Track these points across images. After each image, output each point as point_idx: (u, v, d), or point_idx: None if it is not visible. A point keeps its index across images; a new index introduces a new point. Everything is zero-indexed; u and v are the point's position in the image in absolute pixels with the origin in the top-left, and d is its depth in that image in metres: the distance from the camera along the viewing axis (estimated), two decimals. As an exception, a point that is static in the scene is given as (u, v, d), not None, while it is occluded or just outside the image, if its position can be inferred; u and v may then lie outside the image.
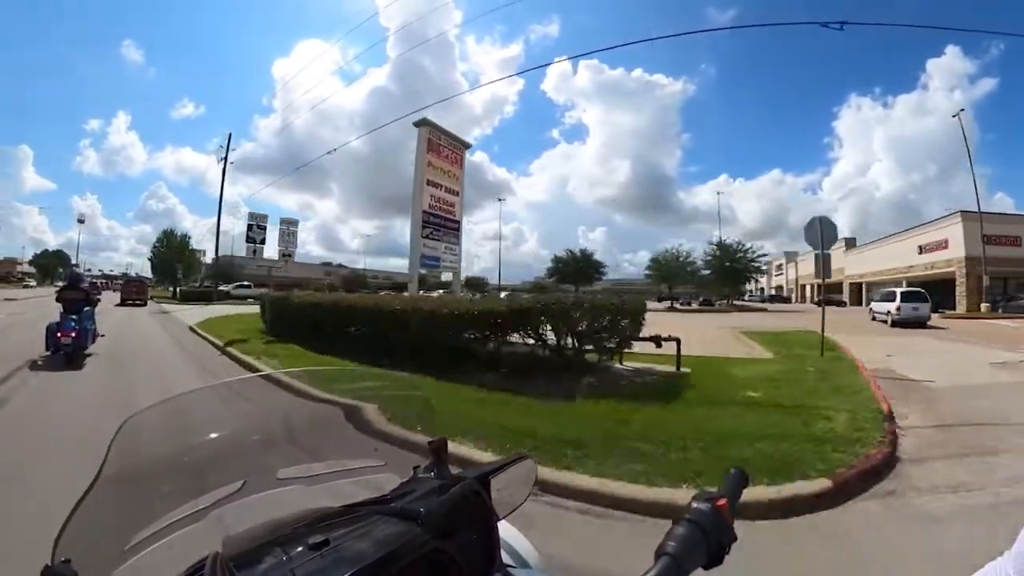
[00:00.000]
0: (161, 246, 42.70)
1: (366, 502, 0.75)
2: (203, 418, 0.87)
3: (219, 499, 0.75)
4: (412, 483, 0.82)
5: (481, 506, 0.72)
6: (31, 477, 2.90)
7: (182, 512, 0.71)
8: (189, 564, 0.59)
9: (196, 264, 44.73)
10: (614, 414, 4.42)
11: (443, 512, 0.66)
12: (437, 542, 0.62)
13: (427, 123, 18.01)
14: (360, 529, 0.64)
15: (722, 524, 0.58)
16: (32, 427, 4.19)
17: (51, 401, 5.10)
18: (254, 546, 0.62)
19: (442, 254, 18.70)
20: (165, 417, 0.80)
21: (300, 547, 0.58)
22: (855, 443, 3.60)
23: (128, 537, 0.65)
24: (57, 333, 6.87)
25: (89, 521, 0.57)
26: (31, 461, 3.22)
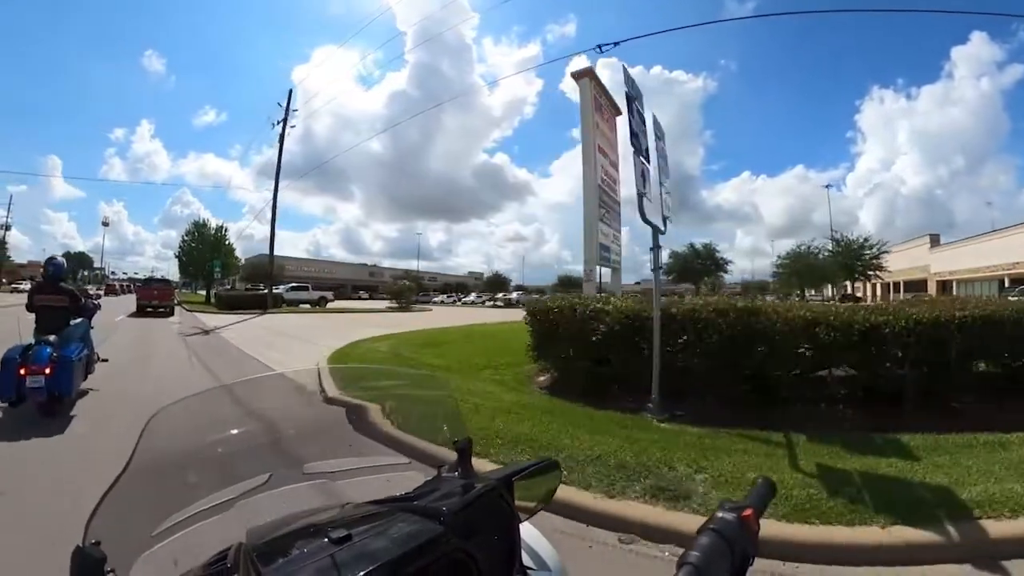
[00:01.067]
0: (191, 240, 34.04)
1: (390, 499, 0.77)
2: (231, 413, 0.91)
3: (245, 491, 0.78)
4: (436, 482, 0.83)
5: (504, 508, 0.72)
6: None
7: (209, 502, 0.74)
8: (214, 552, 0.61)
9: (234, 262, 36.49)
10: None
11: (465, 512, 0.67)
12: (458, 541, 0.63)
13: (590, 74, 13.64)
14: (382, 525, 0.65)
15: (747, 535, 0.57)
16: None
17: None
18: (277, 538, 0.65)
19: (611, 243, 14.73)
20: (194, 411, 0.84)
21: (322, 540, 0.59)
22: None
23: (156, 524, 0.68)
24: (19, 369, 3.85)
25: (118, 507, 0.60)
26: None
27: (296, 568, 0.56)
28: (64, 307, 4.57)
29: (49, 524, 2.03)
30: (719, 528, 0.56)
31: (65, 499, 2.23)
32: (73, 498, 2.00)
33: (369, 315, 21.57)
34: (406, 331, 12.08)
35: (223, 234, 34.77)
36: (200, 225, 35.09)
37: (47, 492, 2.51)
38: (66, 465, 2.98)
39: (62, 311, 4.55)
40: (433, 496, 0.74)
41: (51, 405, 3.97)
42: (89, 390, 4.82)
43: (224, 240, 34.50)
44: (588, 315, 5.11)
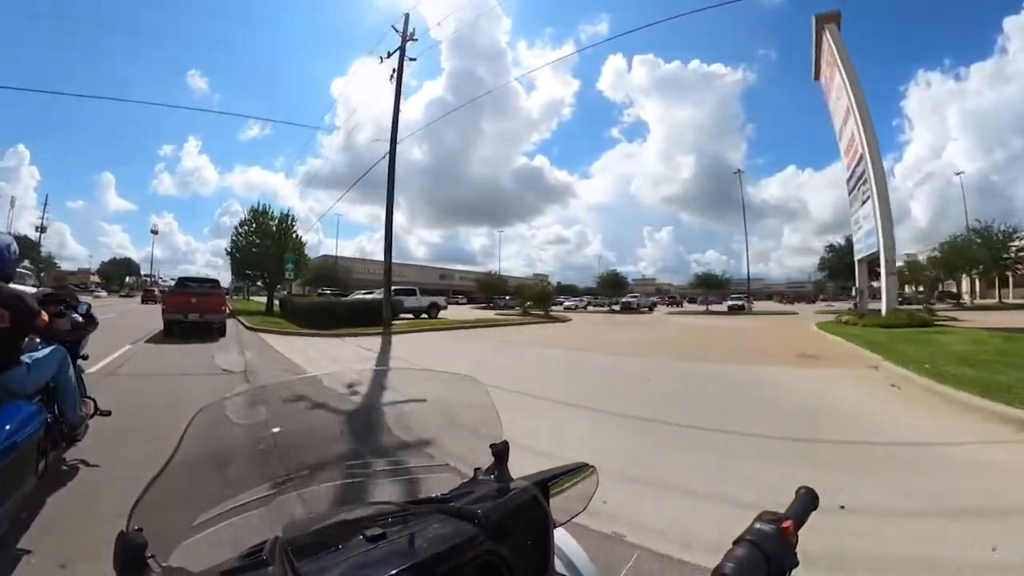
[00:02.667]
0: (249, 231, 26.43)
1: (425, 500, 0.80)
2: (274, 411, 0.96)
3: (284, 487, 0.83)
4: (472, 484, 0.86)
5: (539, 512, 0.73)
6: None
7: (248, 496, 0.79)
8: (250, 545, 0.64)
9: (305, 260, 28.16)
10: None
11: (500, 515, 0.68)
12: (492, 544, 0.64)
13: (838, 19, 12.32)
14: (417, 525, 0.67)
15: (786, 548, 0.56)
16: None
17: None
18: (313, 533, 0.69)
19: (863, 222, 13.70)
20: (238, 408, 0.90)
21: (357, 538, 0.62)
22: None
23: (196, 514, 0.73)
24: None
25: (161, 496, 0.64)
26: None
27: (330, 564, 0.59)
28: (1, 330, 2.25)
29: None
30: (756, 540, 0.55)
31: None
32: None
33: (534, 331, 16.52)
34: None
35: (290, 224, 27.20)
36: (260, 212, 27.05)
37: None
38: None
39: (14, 332, 2.32)
40: (468, 498, 0.76)
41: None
42: (75, 466, 2.91)
43: (292, 231, 27.16)
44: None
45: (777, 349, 11.39)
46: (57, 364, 2.72)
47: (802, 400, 5.84)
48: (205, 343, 10.55)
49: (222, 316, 12.41)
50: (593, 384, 7.03)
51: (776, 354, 10.35)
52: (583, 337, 15.18)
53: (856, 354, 9.58)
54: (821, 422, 4.82)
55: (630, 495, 2.83)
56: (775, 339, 14.32)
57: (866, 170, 20.66)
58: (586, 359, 9.99)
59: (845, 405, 5.56)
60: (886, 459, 3.71)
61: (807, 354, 10.00)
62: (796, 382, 7.11)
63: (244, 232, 26.91)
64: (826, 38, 24.26)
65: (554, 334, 15.90)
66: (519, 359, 9.87)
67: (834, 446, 4.05)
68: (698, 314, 34.45)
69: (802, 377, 7.60)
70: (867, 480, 3.14)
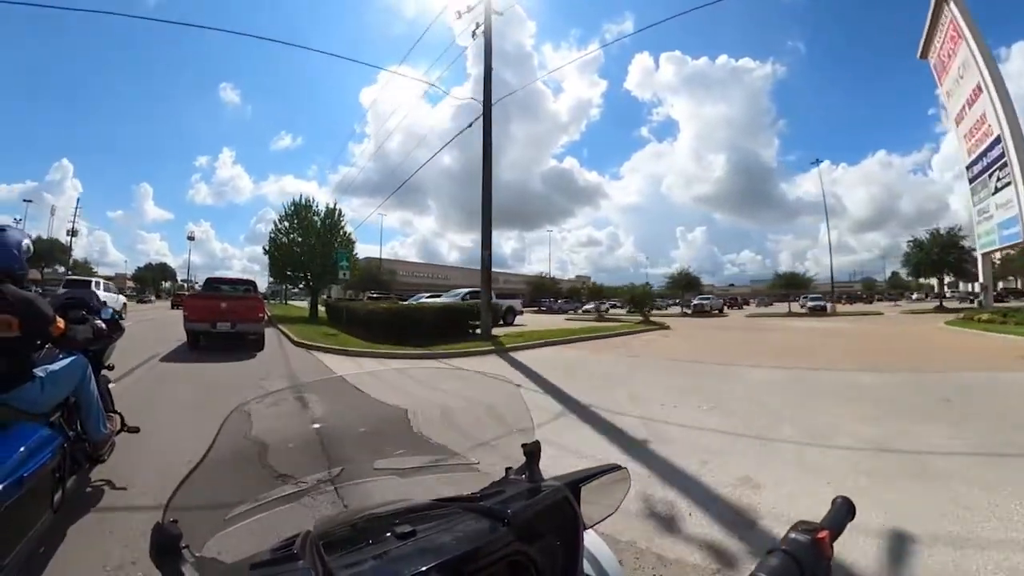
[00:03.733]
0: (290, 227, 23.55)
1: (456, 498, 0.81)
2: (308, 409, 1.01)
3: (317, 483, 0.87)
4: (503, 484, 0.87)
5: (569, 513, 0.74)
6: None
7: (281, 491, 0.84)
8: (282, 538, 0.67)
9: (354, 261, 24.87)
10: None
11: (530, 515, 0.69)
12: (521, 544, 0.65)
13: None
14: (447, 523, 0.69)
15: (821, 559, 0.56)
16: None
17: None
18: (343, 529, 0.72)
19: (996, 211, 13.08)
20: (273, 406, 0.94)
21: (387, 535, 0.65)
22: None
23: (230, 508, 0.78)
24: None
25: (197, 490, 0.69)
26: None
27: (359, 559, 0.61)
28: (11, 339, 2.06)
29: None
30: (791, 550, 0.55)
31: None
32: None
33: (665, 340, 13.74)
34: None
35: (338, 218, 24.07)
36: (302, 206, 23.83)
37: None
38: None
39: (4, 347, 2.06)
40: (499, 498, 0.77)
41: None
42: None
43: (340, 226, 24.04)
44: None
45: (974, 353, 9.64)
46: (77, 377, 2.47)
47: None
48: (238, 361, 8.08)
49: (259, 325, 9.81)
50: (912, 416, 4.79)
51: (989, 358, 8.94)
52: (732, 346, 12.17)
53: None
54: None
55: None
56: (942, 342, 12.19)
57: (1005, 153, 19.13)
58: (819, 379, 7.07)
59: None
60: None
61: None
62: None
63: (284, 229, 23.66)
64: (948, 10, 22.40)
65: (694, 344, 12.91)
66: (747, 386, 6.47)
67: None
68: (780, 316, 32.36)
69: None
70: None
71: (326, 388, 1.16)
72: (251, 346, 9.58)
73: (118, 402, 3.16)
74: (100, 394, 2.71)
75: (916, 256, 35.36)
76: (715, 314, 35.15)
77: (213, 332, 9.37)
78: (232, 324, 9.42)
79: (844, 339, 13.92)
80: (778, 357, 9.71)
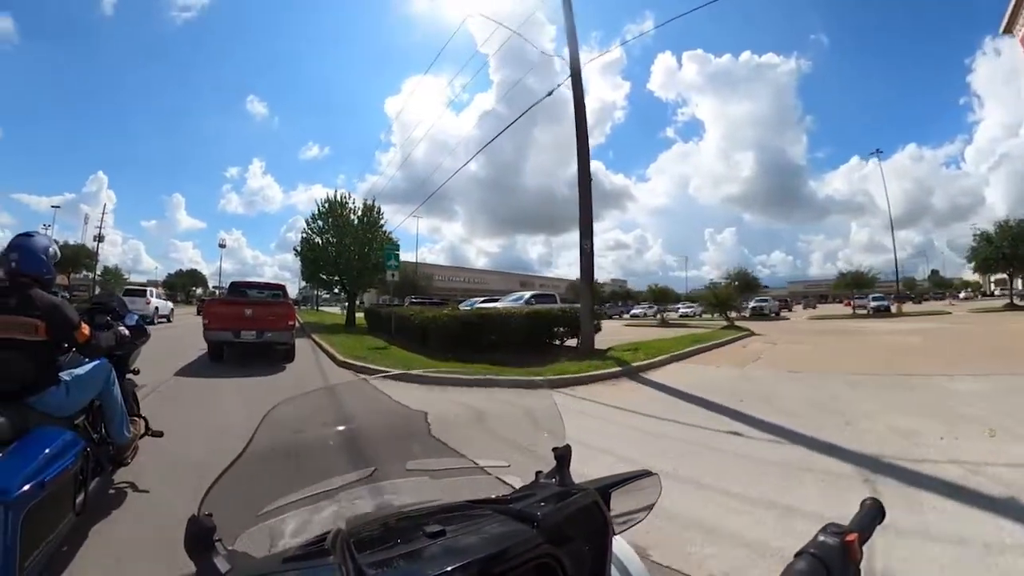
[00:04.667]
0: (324, 226, 21.94)
1: (486, 500, 0.83)
2: (342, 410, 1.05)
3: (350, 482, 0.90)
4: (533, 487, 0.89)
5: (598, 518, 0.74)
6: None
7: (314, 489, 0.87)
8: (313, 535, 0.71)
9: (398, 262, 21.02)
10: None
11: (559, 519, 0.70)
12: (549, 547, 0.65)
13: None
14: (476, 524, 0.70)
15: (849, 562, 0.56)
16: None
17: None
18: (374, 527, 0.74)
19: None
20: (309, 406, 0.98)
21: (417, 534, 0.66)
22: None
23: (263, 504, 0.81)
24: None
25: (232, 486, 0.72)
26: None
27: (389, 557, 0.62)
28: (36, 343, 2.14)
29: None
30: (819, 553, 0.55)
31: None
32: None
33: (776, 350, 11.32)
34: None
35: (377, 216, 22.26)
36: (338, 203, 22.06)
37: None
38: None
39: (30, 350, 2.13)
40: (529, 500, 0.78)
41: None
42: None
43: (379, 225, 22.18)
44: None
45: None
46: (101, 382, 2.55)
47: None
48: (264, 376, 7.30)
49: (289, 334, 8.78)
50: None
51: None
52: (866, 353, 10.69)
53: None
54: None
55: None
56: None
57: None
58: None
59: None
60: None
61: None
62: None
63: (317, 228, 21.94)
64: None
65: (819, 351, 11.33)
66: (991, 402, 5.27)
67: None
68: (844, 317, 30.83)
69: None
70: None
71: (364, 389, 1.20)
72: (281, 356, 8.69)
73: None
74: (124, 398, 2.79)
75: (984, 251, 33.21)
76: (772, 317, 33.77)
77: (236, 342, 8.37)
78: (258, 333, 8.37)
79: (967, 339, 12.59)
80: (948, 364, 8.04)
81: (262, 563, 0.66)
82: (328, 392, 1.08)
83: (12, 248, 2.23)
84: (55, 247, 2.39)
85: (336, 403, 1.06)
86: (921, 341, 12.56)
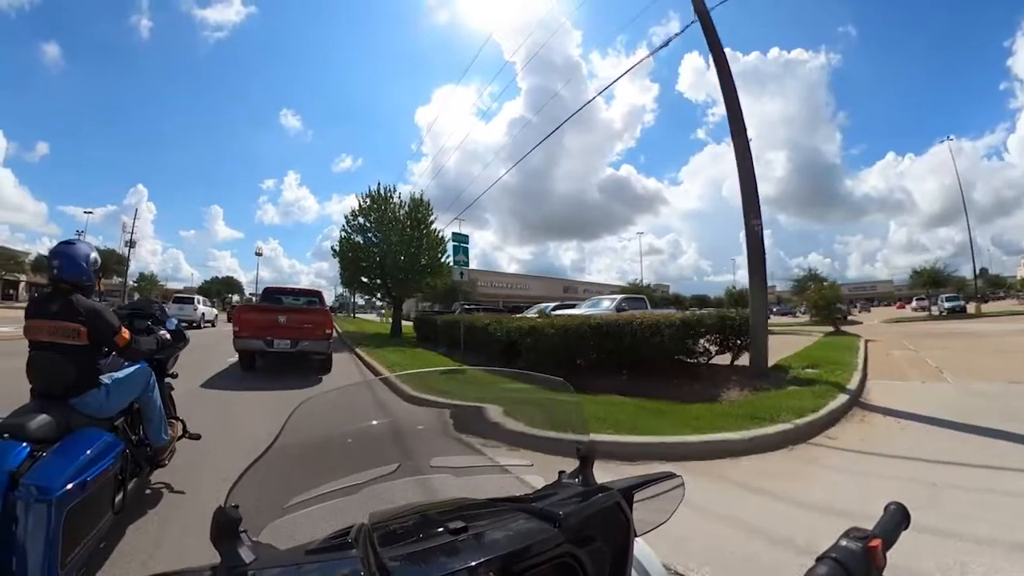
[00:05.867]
0: (366, 223, 20.04)
1: (508, 498, 0.85)
2: (368, 407, 1.09)
3: (374, 478, 0.93)
4: (556, 486, 0.91)
5: (621, 519, 0.75)
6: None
7: (339, 484, 0.90)
8: (337, 529, 0.74)
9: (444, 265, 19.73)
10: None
11: (581, 518, 0.71)
12: (570, 547, 0.67)
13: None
14: (498, 522, 0.72)
15: (872, 569, 0.55)
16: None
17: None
18: (397, 522, 0.77)
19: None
20: (335, 403, 1.02)
21: (439, 529, 0.69)
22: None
23: (289, 497, 0.85)
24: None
25: (259, 479, 0.76)
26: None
27: (411, 551, 0.65)
28: (79, 347, 2.29)
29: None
30: (841, 558, 0.55)
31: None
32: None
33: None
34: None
35: (426, 211, 20.13)
36: (382, 199, 20.02)
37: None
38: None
39: (73, 354, 2.28)
40: (551, 499, 0.79)
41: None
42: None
43: (429, 221, 19.98)
44: None
45: None
46: (141, 385, 2.69)
47: None
48: (296, 387, 6.80)
49: (326, 343, 8.41)
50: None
51: None
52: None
53: None
54: None
55: None
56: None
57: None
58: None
59: None
60: None
61: None
62: None
63: (359, 225, 19.94)
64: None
65: (986, 361, 9.39)
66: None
67: None
68: (921, 320, 29.25)
69: None
70: None
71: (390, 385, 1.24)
72: (317, 366, 8.43)
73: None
74: (162, 401, 2.90)
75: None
76: (842, 320, 32.19)
77: (269, 351, 8.01)
78: (293, 342, 8.01)
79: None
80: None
81: (286, 554, 0.68)
82: (354, 389, 1.12)
83: (54, 255, 2.36)
84: (96, 254, 2.51)
85: (362, 400, 1.10)
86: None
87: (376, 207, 20.08)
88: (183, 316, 18.55)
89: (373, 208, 20.08)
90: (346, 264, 20.22)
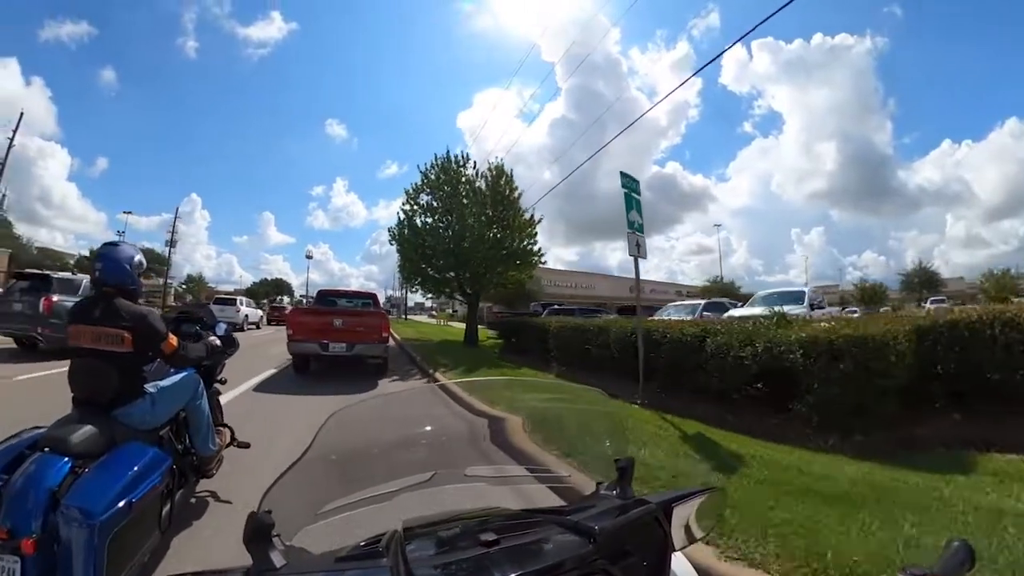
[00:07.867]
0: (433, 201, 15.72)
1: (544, 509, 0.86)
2: (402, 415, 1.11)
3: (408, 485, 0.96)
4: (593, 498, 0.91)
5: (659, 533, 0.74)
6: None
7: (373, 492, 0.93)
8: (369, 536, 0.76)
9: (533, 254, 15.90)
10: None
11: (618, 533, 0.71)
12: (605, 563, 0.66)
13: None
14: (532, 535, 0.73)
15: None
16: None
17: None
18: (430, 531, 0.79)
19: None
20: (369, 412, 1.04)
21: (471, 540, 0.70)
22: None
23: (322, 504, 0.87)
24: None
25: (292, 485, 0.78)
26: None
27: (442, 562, 0.67)
28: (122, 354, 2.21)
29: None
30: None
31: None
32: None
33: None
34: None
35: (509, 184, 15.87)
36: (453, 168, 15.70)
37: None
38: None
39: (116, 362, 2.20)
40: (588, 512, 0.80)
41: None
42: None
43: (513, 197, 15.75)
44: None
45: None
46: (188, 394, 2.62)
47: None
48: (351, 390, 6.67)
49: (383, 346, 8.48)
50: None
51: None
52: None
53: None
54: None
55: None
56: None
57: None
58: None
59: None
60: None
61: None
62: None
63: (424, 204, 15.72)
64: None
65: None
66: None
67: None
68: None
69: None
70: None
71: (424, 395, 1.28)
72: (372, 371, 8.52)
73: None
74: (210, 408, 2.84)
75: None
76: None
77: (324, 355, 8.09)
78: (349, 345, 8.03)
79: None
80: None
81: (316, 560, 0.71)
82: (390, 398, 1.16)
83: (97, 258, 2.31)
84: (140, 256, 2.42)
85: (398, 408, 1.13)
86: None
87: (448, 179, 15.46)
88: (224, 318, 17.77)
89: (444, 181, 15.44)
90: (408, 250, 15.50)
